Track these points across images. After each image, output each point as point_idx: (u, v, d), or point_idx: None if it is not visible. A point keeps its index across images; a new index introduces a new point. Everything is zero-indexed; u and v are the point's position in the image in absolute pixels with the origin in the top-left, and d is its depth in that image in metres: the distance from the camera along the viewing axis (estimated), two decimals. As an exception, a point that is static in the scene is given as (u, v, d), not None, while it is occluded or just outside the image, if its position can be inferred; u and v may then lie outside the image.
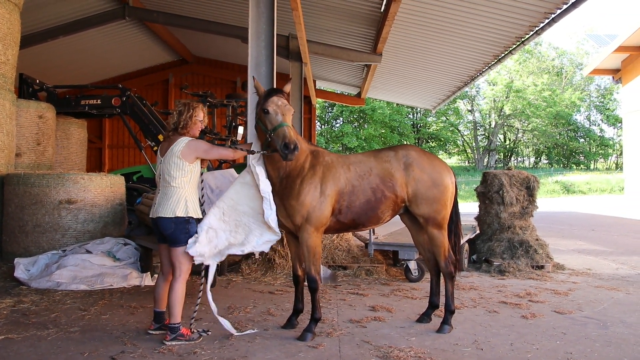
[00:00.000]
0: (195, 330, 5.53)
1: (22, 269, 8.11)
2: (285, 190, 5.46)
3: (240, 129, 13.31)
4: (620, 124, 50.85)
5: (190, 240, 5.32)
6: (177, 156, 5.27)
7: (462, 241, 8.40)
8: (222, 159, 5.31)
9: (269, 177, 5.53)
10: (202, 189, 5.64)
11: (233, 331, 5.56)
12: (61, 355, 4.91)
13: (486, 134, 64.16)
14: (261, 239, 5.54)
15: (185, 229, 5.27)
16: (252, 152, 5.52)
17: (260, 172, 5.46)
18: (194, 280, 7.92)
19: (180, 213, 5.25)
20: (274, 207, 5.44)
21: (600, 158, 66.69)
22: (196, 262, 5.41)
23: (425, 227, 5.87)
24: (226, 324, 5.58)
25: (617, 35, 25.49)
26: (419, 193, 5.75)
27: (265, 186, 5.42)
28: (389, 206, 5.75)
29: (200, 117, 5.53)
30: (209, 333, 5.57)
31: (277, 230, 5.50)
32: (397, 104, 49.30)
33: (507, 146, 65.43)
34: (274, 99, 5.34)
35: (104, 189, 9.37)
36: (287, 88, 5.63)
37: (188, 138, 5.39)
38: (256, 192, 5.51)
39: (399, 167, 5.78)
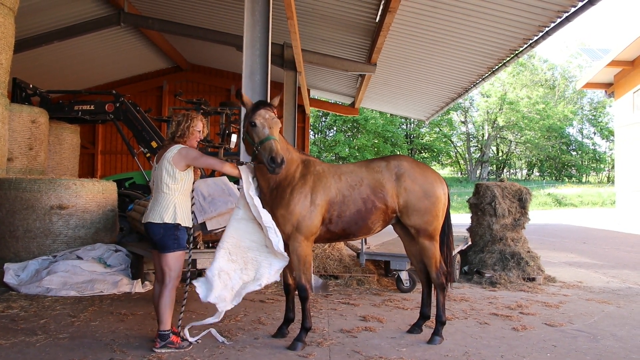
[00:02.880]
0: (184, 338, 5.51)
1: (12, 274, 8.07)
2: (275, 200, 5.45)
3: (234, 137, 13.28)
4: (612, 138, 51.10)
5: (201, 289, 5.34)
6: (168, 162, 5.29)
7: (454, 252, 8.40)
8: (211, 169, 5.30)
9: (259, 187, 5.53)
10: (192, 198, 5.62)
11: (219, 338, 5.63)
12: (49, 362, 4.87)
13: (479, 145, 64.38)
14: (272, 269, 5.54)
15: (174, 235, 5.26)
16: (242, 163, 5.54)
17: (258, 202, 5.42)
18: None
19: (168, 219, 5.25)
20: (279, 234, 5.41)
21: (592, 171, 67.00)
22: (219, 309, 5.41)
23: (417, 238, 5.87)
24: (214, 332, 5.67)
25: (610, 49, 25.67)
26: (410, 204, 5.76)
27: (266, 216, 5.38)
28: (379, 217, 5.75)
29: (199, 127, 5.54)
30: (199, 341, 5.54)
31: (286, 254, 5.49)
32: (391, 114, 49.45)
33: (500, 158, 65.69)
34: (262, 112, 5.31)
35: (96, 194, 9.33)
36: (276, 101, 5.60)
37: (181, 145, 5.40)
38: (254, 225, 5.51)
39: (390, 178, 5.78)
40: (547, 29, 10.82)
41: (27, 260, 8.44)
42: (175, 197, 5.32)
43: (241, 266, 5.54)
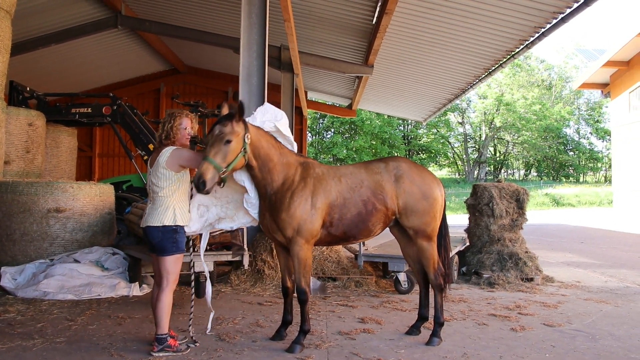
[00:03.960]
0: (185, 339, 5.51)
1: (9, 277, 8.06)
2: (275, 205, 5.43)
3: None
4: (609, 138, 51.19)
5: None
6: (162, 167, 5.27)
7: (452, 253, 8.40)
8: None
9: (257, 192, 5.57)
10: (191, 197, 5.59)
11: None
12: (47, 366, 4.86)
13: (476, 146, 64.44)
14: (247, 219, 5.68)
15: (172, 238, 5.24)
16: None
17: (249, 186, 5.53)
18: (183, 290, 7.91)
19: (167, 222, 5.23)
20: (254, 194, 5.51)
21: (590, 171, 67.10)
22: (187, 233, 5.47)
23: (415, 239, 5.88)
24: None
25: (606, 50, 25.77)
26: (409, 205, 5.76)
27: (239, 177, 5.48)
28: (380, 218, 5.74)
29: (184, 124, 5.48)
30: (197, 344, 5.53)
31: (256, 217, 5.58)
32: (388, 116, 49.48)
33: (497, 159, 65.76)
34: (215, 129, 5.13)
35: (93, 197, 9.32)
36: (225, 109, 5.35)
37: (172, 147, 5.38)
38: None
39: (389, 179, 5.78)
40: (543, 30, 10.87)
41: (24, 264, 8.41)
42: (173, 200, 5.30)
43: (222, 203, 5.63)
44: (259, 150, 5.31)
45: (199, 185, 4.89)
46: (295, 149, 5.83)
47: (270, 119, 5.60)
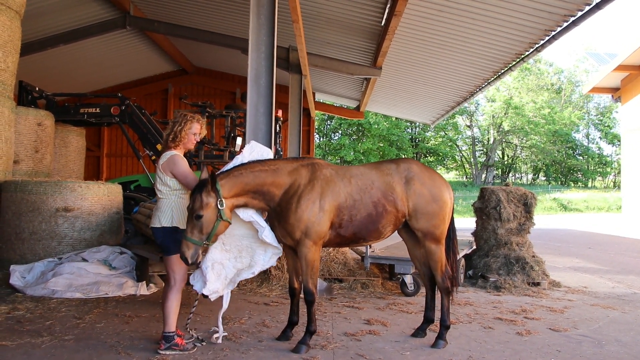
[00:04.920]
0: (192, 338, 5.54)
1: (18, 276, 8.10)
2: (282, 212, 5.45)
3: (239, 140, 13.32)
4: (619, 143, 50.93)
5: (196, 282, 5.42)
6: (159, 169, 5.44)
7: (459, 257, 8.39)
8: (187, 187, 5.32)
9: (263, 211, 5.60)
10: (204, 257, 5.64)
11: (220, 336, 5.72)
12: (54, 364, 4.88)
13: (484, 149, 64.22)
14: (267, 255, 5.60)
15: (173, 238, 5.31)
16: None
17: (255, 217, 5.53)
18: (189, 289, 7.92)
19: (166, 223, 5.34)
20: (264, 223, 5.48)
21: (599, 176, 66.75)
22: (212, 299, 5.51)
23: (423, 241, 5.87)
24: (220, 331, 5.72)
25: (617, 54, 25.57)
26: (419, 207, 5.76)
27: (245, 215, 5.45)
28: (390, 220, 5.74)
29: (194, 130, 5.55)
30: (204, 343, 5.55)
31: (277, 244, 5.53)
32: (396, 118, 49.41)
33: (505, 162, 65.51)
34: (189, 204, 5.18)
35: (101, 197, 9.36)
36: (204, 174, 5.27)
37: (172, 152, 5.47)
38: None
39: (400, 181, 5.78)
40: (553, 33, 10.82)
41: (32, 262, 8.47)
42: (171, 201, 5.41)
43: (235, 254, 5.60)
44: (244, 190, 5.34)
45: (184, 261, 5.04)
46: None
47: (256, 157, 5.66)
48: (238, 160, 5.58)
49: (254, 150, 5.72)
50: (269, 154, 5.77)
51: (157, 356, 5.16)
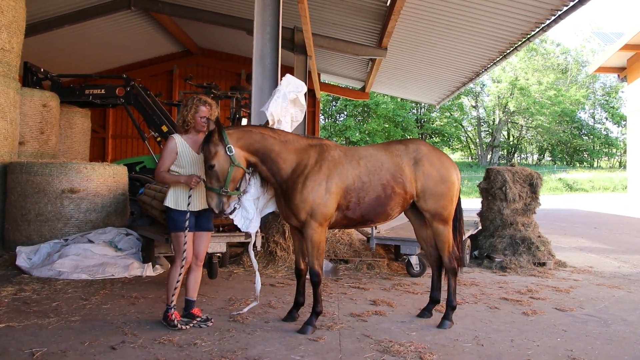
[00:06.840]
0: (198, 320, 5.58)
1: (24, 257, 8.14)
2: (288, 191, 5.45)
3: (244, 121, 13.30)
4: (624, 123, 50.70)
5: (242, 222, 5.64)
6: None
7: (465, 237, 8.39)
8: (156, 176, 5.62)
9: (268, 184, 5.71)
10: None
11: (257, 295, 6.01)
12: (62, 344, 4.91)
13: (490, 130, 64.06)
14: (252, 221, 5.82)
15: (169, 217, 5.58)
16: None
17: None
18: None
19: (167, 203, 5.55)
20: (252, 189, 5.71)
21: (604, 156, 66.57)
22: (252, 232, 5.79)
23: (431, 222, 5.86)
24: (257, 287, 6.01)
25: (624, 33, 25.32)
26: (428, 188, 5.74)
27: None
28: (398, 202, 5.72)
29: (201, 113, 5.59)
30: (211, 324, 5.57)
31: (246, 228, 5.73)
32: (401, 99, 49.25)
33: (511, 143, 65.35)
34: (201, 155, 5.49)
35: (107, 178, 9.37)
36: (210, 125, 5.47)
37: (172, 135, 5.68)
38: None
39: (409, 162, 5.76)
40: (559, 12, 10.71)
41: (39, 244, 8.50)
42: (172, 184, 5.60)
43: (265, 190, 5.84)
44: (252, 147, 5.36)
45: (211, 211, 5.33)
46: (303, 115, 6.18)
47: (293, 89, 5.95)
48: (277, 92, 5.92)
49: (290, 83, 6.01)
50: (303, 87, 6.08)
51: (164, 337, 5.15)
